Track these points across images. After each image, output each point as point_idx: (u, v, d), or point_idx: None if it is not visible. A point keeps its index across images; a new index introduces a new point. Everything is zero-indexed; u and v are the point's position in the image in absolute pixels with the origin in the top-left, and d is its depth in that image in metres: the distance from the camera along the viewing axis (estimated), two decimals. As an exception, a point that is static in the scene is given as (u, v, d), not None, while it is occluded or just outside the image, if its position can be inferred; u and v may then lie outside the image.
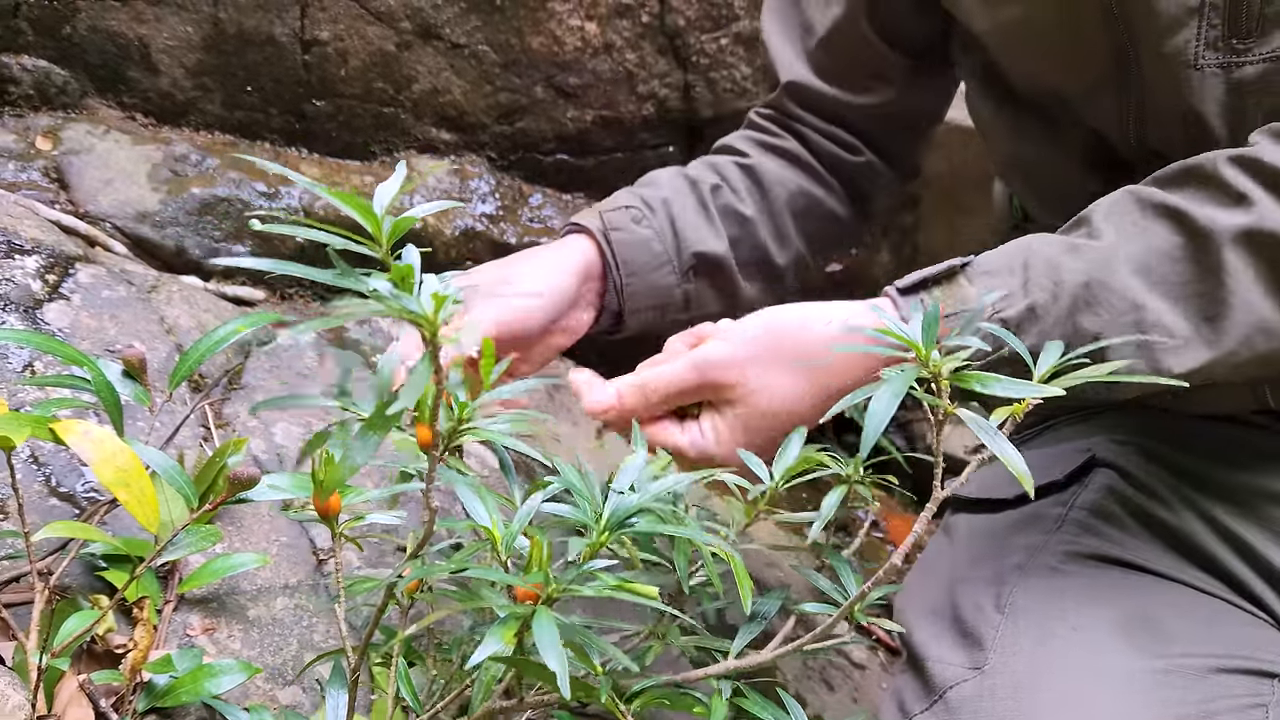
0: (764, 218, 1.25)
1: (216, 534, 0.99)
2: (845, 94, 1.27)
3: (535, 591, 0.60)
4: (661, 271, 1.16)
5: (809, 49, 1.27)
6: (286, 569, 1.13)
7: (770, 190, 1.27)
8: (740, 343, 0.92)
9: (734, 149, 1.30)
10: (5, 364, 1.14)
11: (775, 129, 1.31)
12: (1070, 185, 1.13)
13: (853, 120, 1.29)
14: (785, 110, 1.30)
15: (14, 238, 1.26)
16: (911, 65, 1.26)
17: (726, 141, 1.32)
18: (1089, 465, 1.12)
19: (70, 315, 1.23)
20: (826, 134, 1.29)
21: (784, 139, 1.29)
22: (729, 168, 1.26)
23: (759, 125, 1.32)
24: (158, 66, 1.59)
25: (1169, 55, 0.96)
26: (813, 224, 1.30)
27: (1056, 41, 1.05)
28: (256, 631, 1.06)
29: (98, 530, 0.89)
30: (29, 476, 1.08)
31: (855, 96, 1.27)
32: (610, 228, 1.15)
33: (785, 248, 1.28)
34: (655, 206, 1.17)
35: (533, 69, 1.68)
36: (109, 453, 0.89)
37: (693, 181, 1.23)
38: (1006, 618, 0.98)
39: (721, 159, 1.28)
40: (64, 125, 1.57)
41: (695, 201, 1.21)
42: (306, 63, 1.62)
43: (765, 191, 1.27)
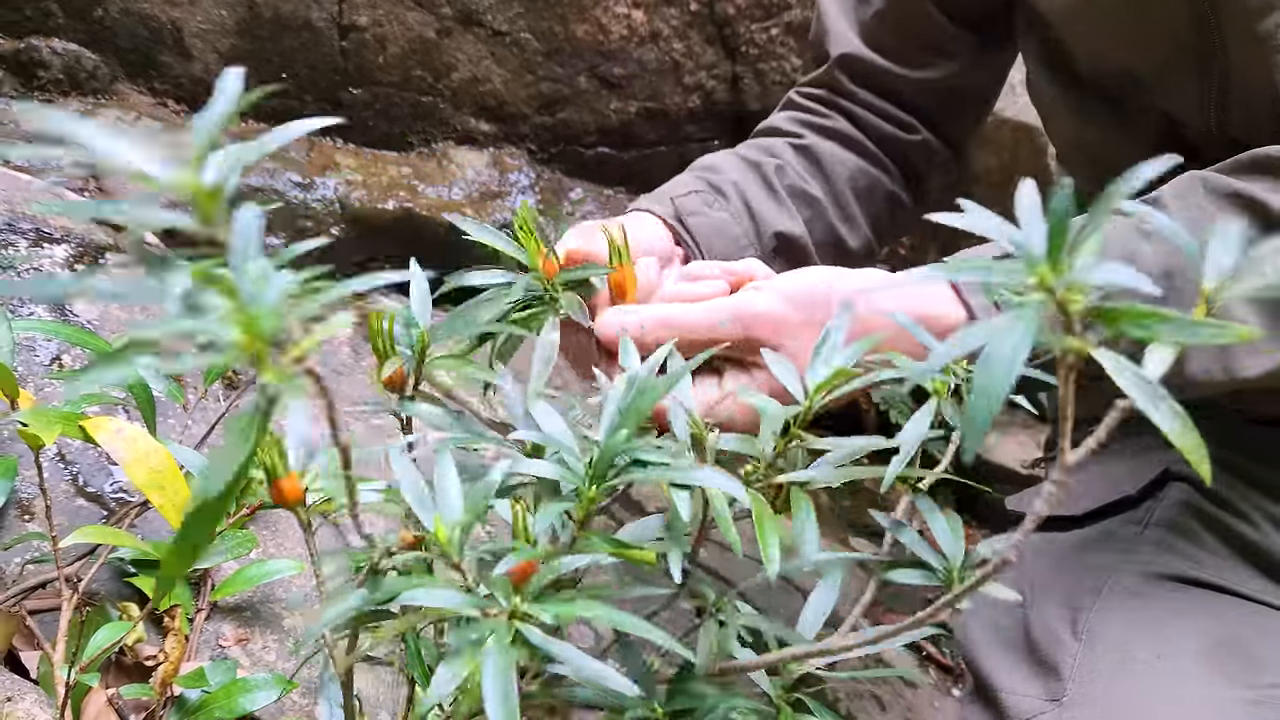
0: (830, 199, 1.18)
1: (252, 540, 0.94)
2: (901, 68, 1.20)
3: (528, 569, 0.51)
4: (745, 254, 1.05)
5: (864, 20, 1.20)
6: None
7: (830, 171, 1.18)
8: (791, 301, 0.82)
9: (782, 130, 1.21)
10: (33, 357, 1.09)
11: (822, 109, 1.22)
12: None
13: (908, 96, 1.21)
14: (836, 86, 1.22)
15: (43, 225, 1.22)
16: (971, 40, 1.20)
17: (771, 124, 1.23)
18: (1162, 479, 1.05)
19: (100, 307, 1.18)
20: (880, 111, 1.22)
21: (833, 119, 1.21)
22: (784, 150, 1.17)
23: (804, 106, 1.23)
24: (190, 51, 1.54)
25: (1262, 38, 0.89)
26: (875, 205, 1.23)
27: (1128, 18, 0.98)
28: (292, 641, 1.01)
29: (129, 536, 0.84)
30: (55, 475, 1.03)
31: (911, 71, 1.20)
32: (684, 212, 1.04)
33: (854, 230, 1.21)
34: (725, 190, 1.08)
35: (576, 58, 1.62)
36: (142, 452, 0.84)
37: (753, 163, 1.14)
38: (1084, 645, 0.92)
39: (772, 141, 1.18)
40: (94, 111, 1.52)
41: (761, 183, 1.12)
42: (344, 49, 1.57)
43: (826, 173, 1.18)
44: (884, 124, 1.22)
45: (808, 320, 0.80)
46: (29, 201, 1.24)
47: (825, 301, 0.81)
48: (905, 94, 1.21)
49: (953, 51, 1.20)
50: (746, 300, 0.82)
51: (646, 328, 0.81)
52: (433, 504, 0.49)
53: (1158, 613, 0.93)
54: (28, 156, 0.38)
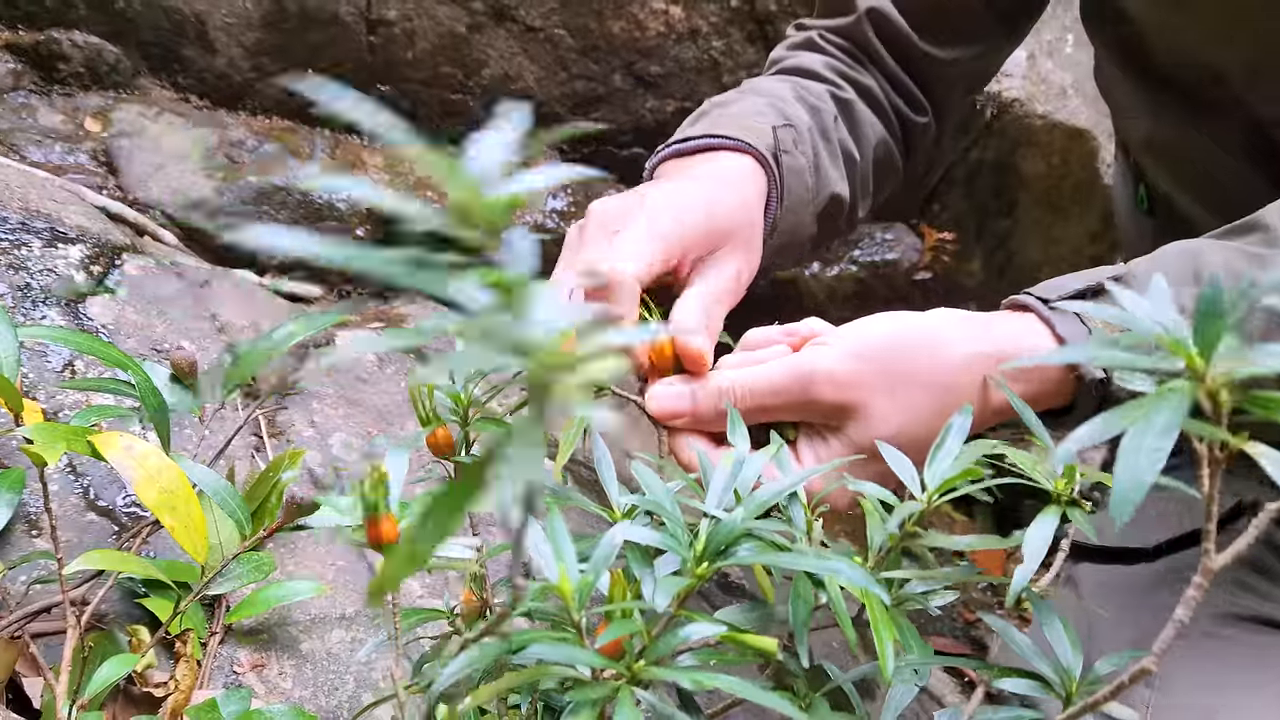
0: (862, 163, 1.10)
1: (270, 563, 0.88)
2: (923, 42, 1.12)
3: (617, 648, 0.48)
4: (807, 210, 0.97)
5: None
6: (343, 597, 1.02)
7: (863, 135, 1.09)
8: (860, 357, 0.73)
9: (824, 77, 1.09)
10: (44, 363, 1.04)
11: (851, 62, 1.12)
12: (1219, 170, 1.00)
13: (919, 70, 1.13)
14: (864, 43, 1.12)
15: (58, 225, 1.17)
16: (1000, 29, 1.13)
17: (804, 64, 1.10)
18: (1237, 511, 0.98)
19: (115, 310, 1.13)
20: (896, 82, 1.13)
21: (864, 75, 1.12)
22: (827, 100, 1.07)
23: (833, 54, 1.12)
24: (214, 45, 1.49)
25: None
26: (882, 174, 1.14)
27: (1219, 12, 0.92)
28: (310, 668, 0.96)
29: (138, 560, 0.79)
30: (65, 488, 0.98)
31: (931, 47, 1.12)
32: (782, 149, 0.93)
33: (865, 198, 1.12)
34: (802, 131, 0.97)
35: (612, 55, 1.56)
36: (153, 470, 0.79)
37: (814, 108, 1.03)
38: (1158, 692, 0.86)
39: (815, 86, 1.08)
40: (115, 106, 1.47)
41: (822, 133, 1.02)
42: (372, 44, 1.51)
43: (859, 136, 1.09)
44: (898, 98, 1.14)
45: (882, 376, 0.73)
46: (45, 199, 1.20)
47: (898, 355, 0.73)
48: (919, 67, 1.14)
49: (977, 36, 1.13)
50: (809, 359, 0.74)
51: (700, 400, 0.74)
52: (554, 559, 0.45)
53: (1237, 657, 0.87)
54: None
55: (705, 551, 0.47)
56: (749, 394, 0.73)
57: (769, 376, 0.74)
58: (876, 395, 0.72)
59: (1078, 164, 1.86)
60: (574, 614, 0.47)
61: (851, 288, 1.82)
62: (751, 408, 0.73)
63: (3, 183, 1.19)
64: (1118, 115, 1.16)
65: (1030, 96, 1.75)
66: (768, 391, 0.73)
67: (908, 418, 0.72)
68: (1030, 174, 1.84)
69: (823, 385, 0.72)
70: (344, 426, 1.16)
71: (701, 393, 0.74)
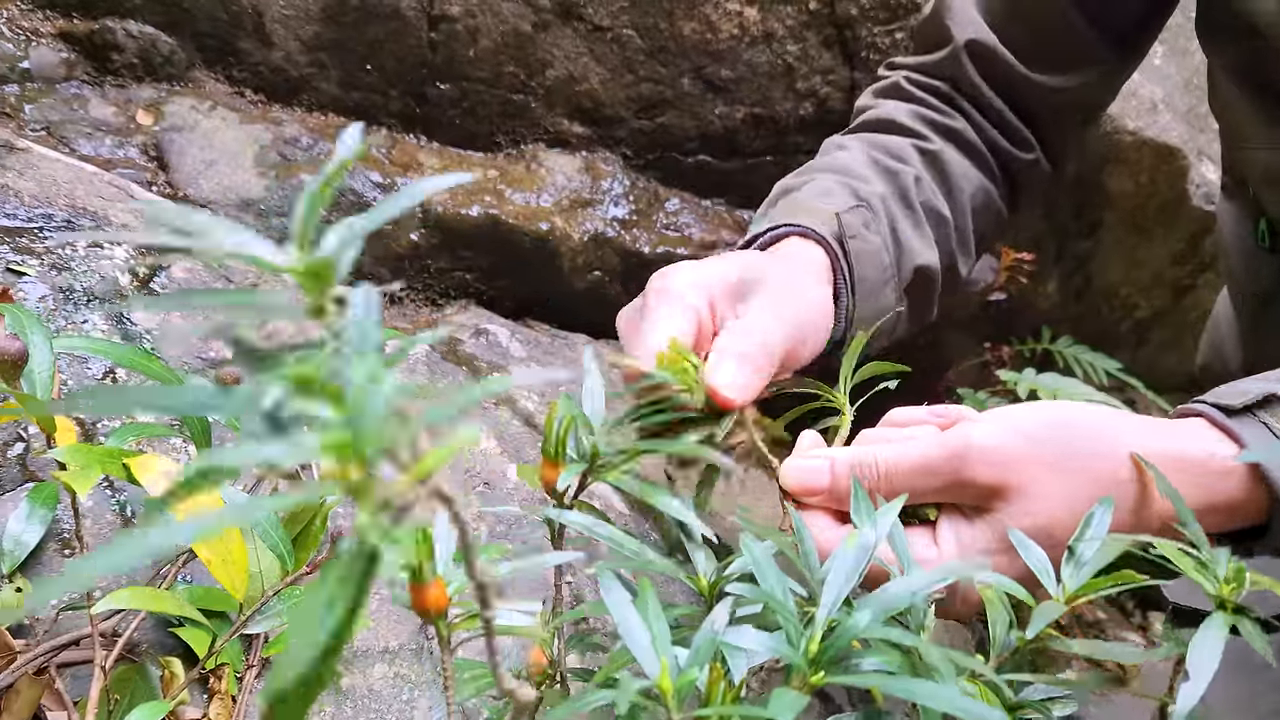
0: (954, 220, 1.03)
1: (312, 599, 0.83)
2: (1029, 70, 1.04)
3: None
4: (887, 289, 0.93)
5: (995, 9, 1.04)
6: (386, 629, 0.96)
7: (956, 186, 1.04)
8: (1023, 434, 0.67)
9: (904, 127, 1.05)
10: (85, 370, 0.99)
11: (942, 106, 1.07)
12: None
13: (1027, 101, 1.06)
14: (959, 79, 1.06)
15: (104, 223, 1.12)
16: (1112, 52, 1.05)
17: (887, 115, 1.07)
18: None
19: (159, 315, 1.08)
20: (998, 119, 1.06)
21: (954, 119, 1.06)
22: (911, 154, 1.03)
23: (921, 100, 1.08)
24: (271, 38, 1.44)
25: None
26: (986, 225, 1.08)
27: None
28: (350, 706, 0.90)
29: (171, 597, 0.73)
30: (101, 504, 0.93)
31: (1039, 74, 1.04)
32: (848, 234, 0.90)
33: (966, 256, 1.06)
34: (875, 206, 0.94)
35: (681, 58, 1.49)
36: (190, 500, 0.73)
37: (890, 171, 0.99)
38: None
39: (898, 142, 1.04)
40: (167, 99, 1.43)
41: (900, 198, 0.98)
42: (433, 40, 1.46)
43: (952, 187, 1.04)
44: (998, 136, 1.07)
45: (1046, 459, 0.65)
46: (92, 196, 1.15)
47: (1062, 439, 0.67)
48: (1025, 98, 1.06)
49: (1087, 61, 1.05)
50: (965, 435, 0.67)
51: (840, 475, 0.68)
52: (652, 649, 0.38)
53: None
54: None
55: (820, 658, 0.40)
56: (896, 471, 0.67)
57: (919, 452, 0.67)
58: (1035, 478, 0.65)
59: (1165, 183, 1.76)
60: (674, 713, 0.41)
61: (922, 307, 1.73)
62: (897, 487, 0.66)
63: (50, 177, 1.14)
64: (1234, 143, 1.07)
65: (1120, 111, 1.66)
66: (917, 469, 0.67)
67: (1064, 507, 0.64)
68: (1116, 193, 1.74)
69: (978, 463, 0.65)
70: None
71: (842, 467, 0.68)
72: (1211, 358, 1.27)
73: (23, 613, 0.76)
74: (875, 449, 0.68)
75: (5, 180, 1.10)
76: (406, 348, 0.34)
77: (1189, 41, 1.90)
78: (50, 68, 1.38)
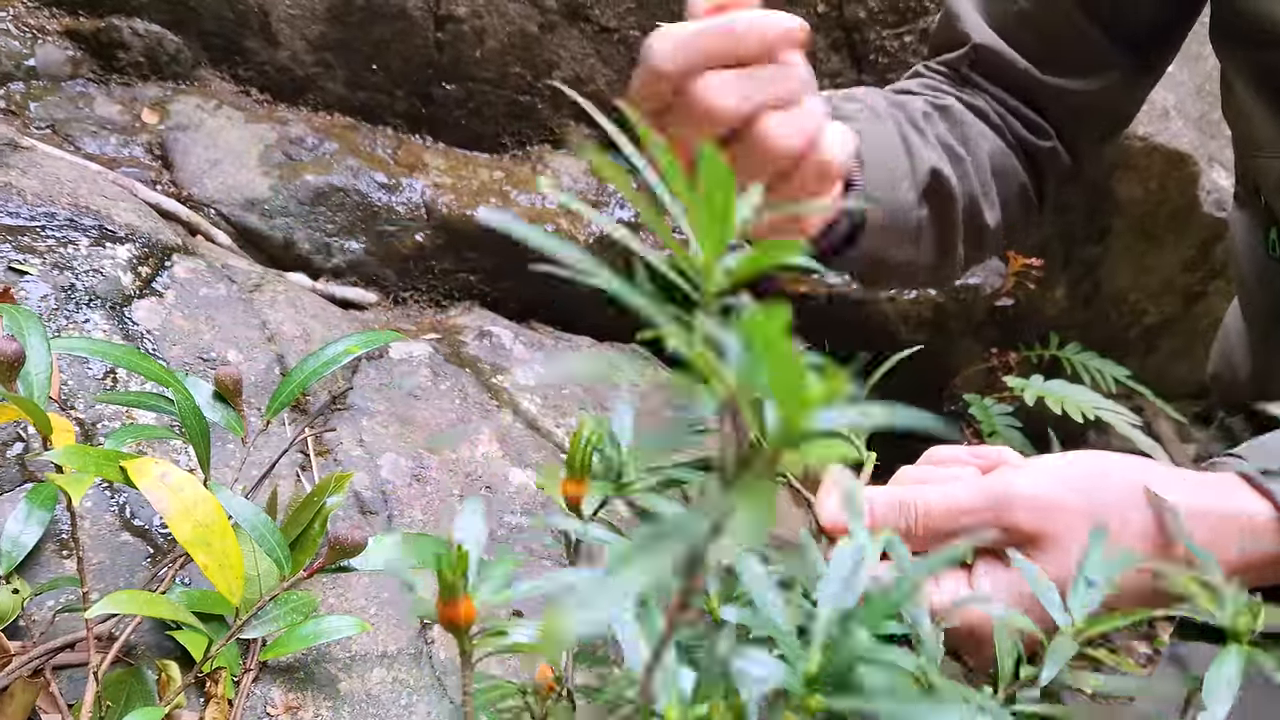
0: (973, 164, 1.00)
1: (311, 603, 0.82)
2: (1042, 72, 1.02)
3: None
4: (903, 185, 0.90)
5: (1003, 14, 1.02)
6: (385, 634, 0.96)
7: (973, 139, 1.00)
8: (1066, 483, 0.66)
9: (918, 93, 1.02)
10: (85, 370, 0.99)
11: (960, 86, 1.05)
12: None
13: (1042, 101, 1.04)
14: (968, 77, 1.05)
15: (107, 223, 1.11)
16: (1130, 59, 1.03)
17: (905, 88, 1.04)
18: None
19: (162, 315, 1.07)
20: (1012, 110, 1.04)
21: (973, 96, 1.04)
22: (925, 106, 0.99)
23: (938, 86, 1.05)
24: (277, 37, 1.44)
25: None
26: (1010, 191, 1.04)
27: None
28: (347, 710, 0.90)
29: (167, 603, 0.72)
30: (100, 505, 0.93)
31: (1052, 77, 1.02)
32: (843, 115, 0.85)
33: (992, 208, 1.02)
34: (880, 112, 0.91)
35: (688, 60, 1.49)
36: (188, 503, 0.72)
37: (897, 103, 0.96)
38: None
39: (913, 100, 1.00)
40: (173, 97, 1.42)
41: (908, 122, 0.94)
42: (439, 41, 1.45)
43: (968, 138, 1.00)
44: (1016, 123, 1.05)
45: (1086, 508, 0.65)
46: (95, 194, 1.15)
47: (1105, 490, 0.65)
48: (1040, 98, 1.04)
49: (1105, 66, 1.03)
50: (1005, 480, 0.66)
51: (879, 513, 0.67)
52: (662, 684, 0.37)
53: None
54: None
55: (814, 678, 0.39)
56: (936, 513, 0.65)
57: (960, 496, 0.66)
58: (1073, 526, 0.63)
59: (1176, 190, 1.75)
60: None
61: (929, 313, 1.72)
62: (937, 528, 0.65)
63: (54, 176, 1.14)
64: (1247, 151, 1.05)
65: (1131, 117, 1.65)
66: (957, 510, 0.65)
67: None
68: (1125, 199, 1.73)
69: (1020, 509, 0.64)
70: (394, 446, 1.10)
71: (881, 507, 0.66)
72: (1222, 367, 1.25)
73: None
74: (916, 490, 0.66)
75: (9, 178, 1.09)
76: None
77: (1201, 47, 1.89)
78: (56, 65, 1.38)
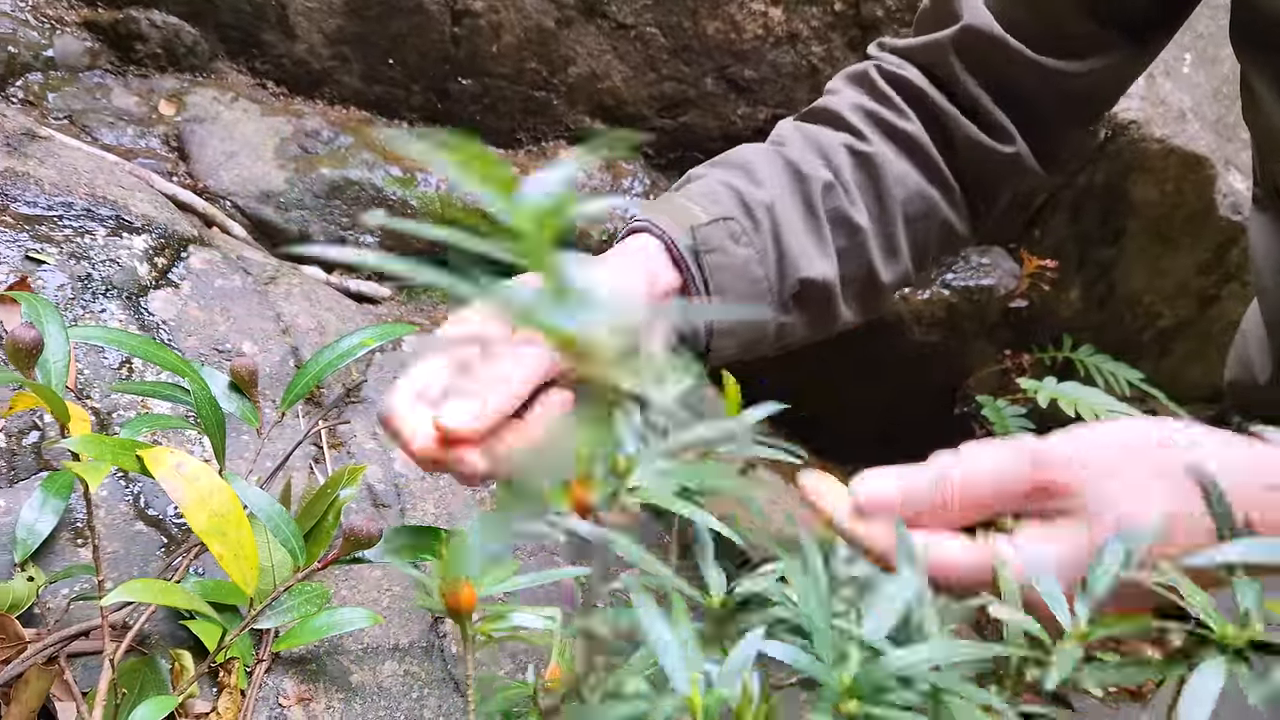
0: (876, 227, 0.98)
1: (325, 594, 0.82)
2: (1036, 53, 0.99)
3: None
4: (760, 301, 0.91)
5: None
6: (397, 626, 0.96)
7: (888, 191, 0.99)
8: (1094, 438, 0.64)
9: (848, 124, 1.01)
10: (101, 359, 0.99)
11: (899, 103, 1.02)
12: None
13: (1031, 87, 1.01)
14: (936, 69, 1.02)
15: (123, 213, 1.12)
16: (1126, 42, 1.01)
17: (836, 108, 1.02)
18: None
19: (177, 306, 1.08)
20: (977, 110, 1.02)
21: (908, 120, 1.01)
22: (841, 154, 0.98)
23: (881, 93, 1.03)
24: (294, 30, 1.44)
25: None
26: (925, 233, 1.03)
27: None
28: (359, 703, 0.90)
29: (181, 591, 0.73)
30: (115, 494, 0.93)
31: (1048, 58, 0.99)
32: (705, 247, 0.87)
33: (892, 264, 1.02)
34: (759, 216, 0.91)
35: (704, 57, 1.48)
36: (204, 492, 0.73)
37: (799, 175, 0.96)
38: None
39: (830, 136, 0.99)
40: (190, 89, 1.43)
41: (803, 205, 0.95)
42: (455, 35, 1.45)
43: (881, 193, 0.99)
44: (974, 130, 1.02)
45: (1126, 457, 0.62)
46: (112, 185, 1.15)
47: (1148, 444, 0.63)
48: (1027, 84, 1.02)
49: (1103, 47, 1.01)
50: (1044, 444, 0.64)
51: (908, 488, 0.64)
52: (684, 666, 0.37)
53: None
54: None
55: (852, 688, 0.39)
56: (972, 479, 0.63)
57: (993, 459, 0.63)
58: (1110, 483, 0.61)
59: (1192, 192, 1.74)
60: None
61: (942, 313, 1.72)
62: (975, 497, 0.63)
63: (71, 166, 1.14)
64: (1268, 155, 1.04)
65: (1148, 119, 1.64)
66: (992, 474, 0.63)
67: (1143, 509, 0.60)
68: (1141, 201, 1.72)
69: (1054, 464, 0.62)
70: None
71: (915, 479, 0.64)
72: (1239, 372, 1.24)
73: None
74: (947, 461, 0.63)
75: (26, 168, 1.10)
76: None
77: (1219, 50, 1.88)
78: (74, 56, 1.39)
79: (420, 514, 1.05)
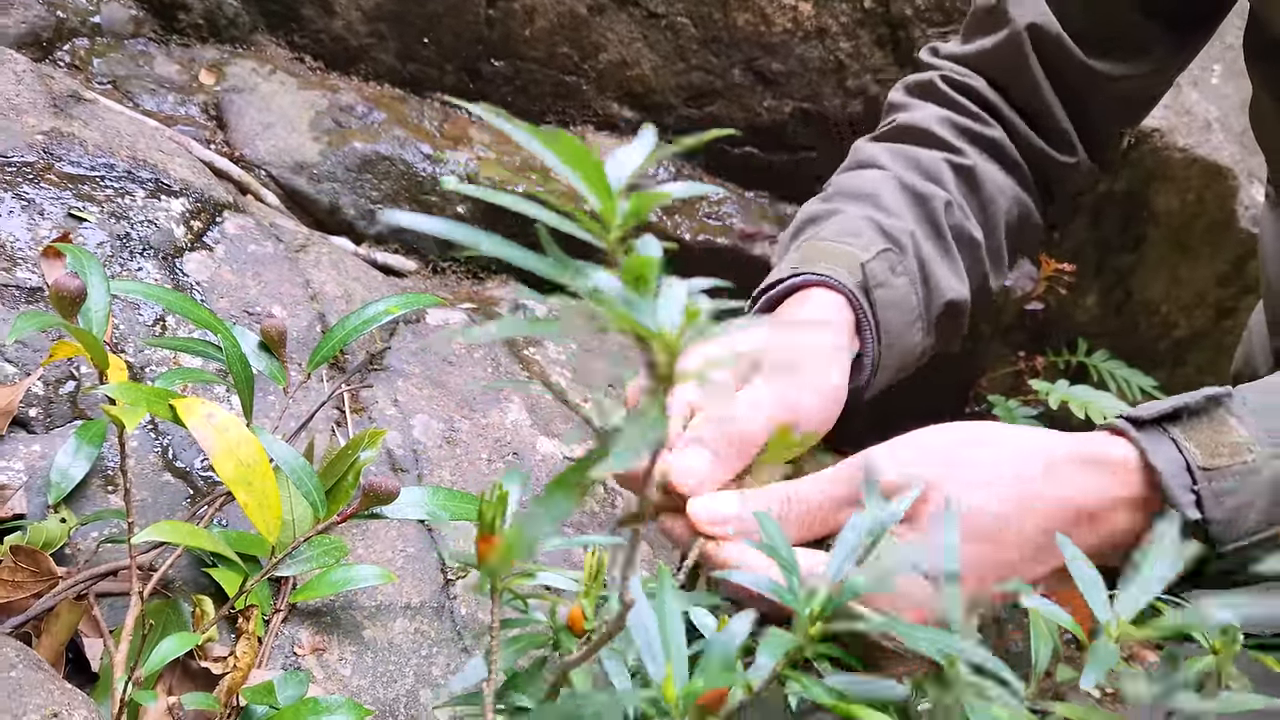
0: (987, 239, 1.00)
1: (342, 548, 0.85)
2: (1088, 56, 1.00)
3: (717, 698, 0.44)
4: (914, 330, 0.92)
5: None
6: (410, 586, 0.99)
7: (991, 202, 1.01)
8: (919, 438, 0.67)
9: (940, 139, 1.01)
10: (136, 316, 1.03)
11: (978, 111, 1.03)
12: None
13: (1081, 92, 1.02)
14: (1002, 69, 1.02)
15: (163, 176, 1.15)
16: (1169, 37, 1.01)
17: (922, 124, 1.02)
18: None
19: (211, 268, 1.11)
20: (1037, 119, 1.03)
21: (992, 127, 1.02)
22: (945, 171, 0.99)
23: (959, 104, 1.03)
24: (333, 7, 1.47)
25: None
26: (1021, 238, 1.05)
27: None
28: (370, 656, 0.93)
29: (207, 535, 0.76)
30: (145, 445, 0.97)
31: (1098, 61, 1.00)
32: (874, 283, 0.88)
33: (999, 271, 1.04)
34: (904, 244, 0.92)
35: (733, 49, 1.51)
36: (232, 443, 0.76)
37: (919, 197, 0.97)
38: None
39: (927, 155, 1.00)
40: (229, 60, 1.46)
41: (929, 226, 0.96)
42: (490, 17, 1.48)
43: (986, 204, 1.01)
44: (1038, 140, 1.04)
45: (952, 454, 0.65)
46: (152, 149, 1.18)
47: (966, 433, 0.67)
48: (1079, 89, 1.02)
49: (1145, 47, 1.02)
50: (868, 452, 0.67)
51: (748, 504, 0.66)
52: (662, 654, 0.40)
53: None
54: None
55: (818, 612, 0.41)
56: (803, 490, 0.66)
57: (826, 473, 0.67)
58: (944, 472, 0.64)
59: (1214, 203, 1.75)
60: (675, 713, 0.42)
61: (958, 311, 1.74)
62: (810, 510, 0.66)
63: (114, 129, 1.18)
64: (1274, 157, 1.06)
65: (1172, 128, 1.65)
66: (823, 481, 0.66)
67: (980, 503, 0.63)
68: (1162, 209, 1.74)
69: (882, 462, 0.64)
70: (427, 409, 1.13)
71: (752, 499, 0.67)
72: (1242, 366, 1.26)
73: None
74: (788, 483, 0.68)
75: (72, 129, 1.13)
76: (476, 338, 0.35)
77: (1247, 62, 1.88)
78: (119, 24, 1.42)
79: (437, 480, 1.08)
